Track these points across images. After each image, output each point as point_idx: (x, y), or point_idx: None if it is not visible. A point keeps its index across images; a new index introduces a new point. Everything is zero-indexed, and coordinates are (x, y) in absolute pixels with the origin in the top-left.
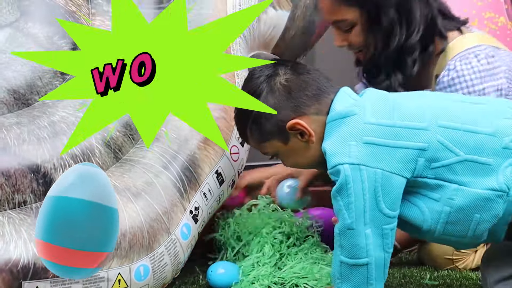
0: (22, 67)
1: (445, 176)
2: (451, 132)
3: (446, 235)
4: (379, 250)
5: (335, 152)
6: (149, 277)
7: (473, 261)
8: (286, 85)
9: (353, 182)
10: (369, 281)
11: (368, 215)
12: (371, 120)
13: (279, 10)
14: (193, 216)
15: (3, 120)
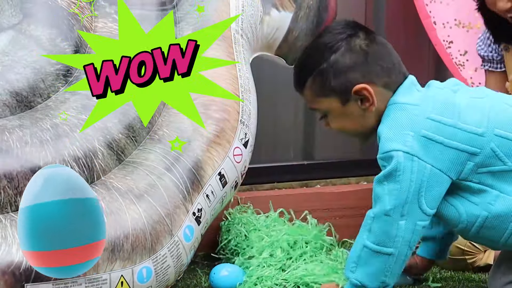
0: (25, 69)
1: (488, 182)
2: (505, 142)
3: (479, 238)
4: (406, 245)
5: (391, 138)
6: (151, 279)
7: (482, 259)
8: (365, 49)
9: (404, 170)
10: (386, 272)
11: (407, 207)
12: (432, 116)
13: (282, 11)
14: (196, 218)
15: (5, 123)
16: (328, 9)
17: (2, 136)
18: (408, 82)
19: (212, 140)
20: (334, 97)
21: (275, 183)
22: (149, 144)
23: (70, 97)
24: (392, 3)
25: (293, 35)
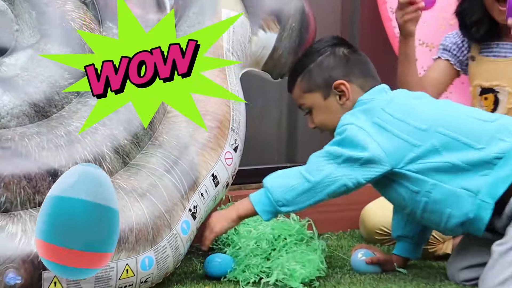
0: (42, 83)
1: (426, 173)
2: (446, 139)
3: (425, 221)
4: (325, 187)
5: (347, 118)
6: (153, 267)
7: (442, 249)
8: (346, 55)
9: (352, 137)
10: (293, 194)
11: (347, 162)
12: (386, 109)
13: (268, 32)
14: (192, 214)
15: (25, 130)
16: (308, 30)
17: (22, 142)
18: (380, 87)
19: (206, 145)
20: (317, 92)
21: (261, 183)
22: (151, 149)
23: (81, 108)
24: (364, 25)
25: (277, 53)
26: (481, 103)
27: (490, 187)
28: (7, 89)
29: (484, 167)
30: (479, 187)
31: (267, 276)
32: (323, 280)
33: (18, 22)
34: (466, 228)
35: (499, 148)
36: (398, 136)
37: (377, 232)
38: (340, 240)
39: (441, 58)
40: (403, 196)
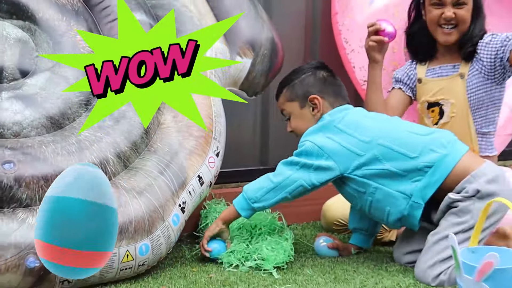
0: (57, 100)
1: (370, 177)
2: (386, 149)
3: (372, 215)
4: (286, 186)
5: (309, 134)
6: (149, 253)
7: (388, 236)
8: (325, 77)
9: (308, 150)
10: (262, 192)
11: (303, 168)
12: (339, 126)
13: (244, 58)
14: (181, 209)
15: (43, 139)
16: (277, 56)
17: (40, 149)
18: (341, 107)
19: (193, 151)
20: (296, 101)
21: (239, 182)
22: (147, 154)
23: None
24: (324, 51)
25: (252, 75)
26: (429, 115)
27: (420, 191)
28: (29, 104)
29: (417, 174)
30: (412, 191)
31: (246, 260)
32: (291, 263)
33: (38, 49)
34: (403, 223)
35: (430, 158)
36: (345, 147)
37: (335, 223)
38: (304, 229)
39: (395, 88)
40: (353, 195)
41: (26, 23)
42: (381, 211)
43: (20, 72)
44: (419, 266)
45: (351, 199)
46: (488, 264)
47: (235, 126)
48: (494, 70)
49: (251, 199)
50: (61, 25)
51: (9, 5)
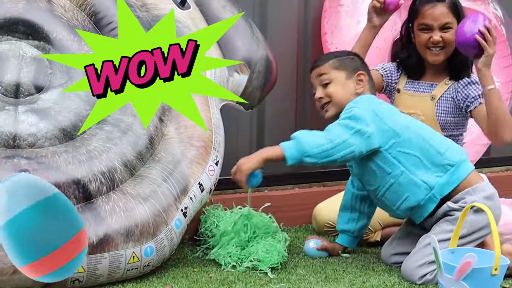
0: (69, 113)
1: (400, 160)
2: (419, 138)
3: (383, 200)
4: (339, 150)
5: (356, 102)
6: (153, 254)
7: (373, 237)
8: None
9: (357, 116)
10: (316, 150)
11: (356, 134)
12: (382, 105)
13: (241, 74)
14: (183, 213)
15: (56, 149)
16: (272, 73)
17: (53, 158)
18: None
19: (194, 160)
20: (344, 71)
21: (236, 189)
22: (151, 163)
23: (98, 132)
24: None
25: (248, 90)
26: None
27: (441, 186)
28: (43, 118)
29: (440, 169)
30: (434, 184)
31: (243, 261)
32: (285, 264)
33: (51, 67)
34: (413, 213)
35: (453, 158)
36: (387, 124)
37: (326, 225)
38: (297, 232)
39: (377, 70)
40: (376, 173)
41: (41, 43)
42: (398, 196)
43: (35, 87)
44: (408, 265)
45: (369, 177)
46: (467, 264)
47: (233, 137)
48: (461, 107)
49: (305, 153)
50: (73, 45)
51: (26, 27)
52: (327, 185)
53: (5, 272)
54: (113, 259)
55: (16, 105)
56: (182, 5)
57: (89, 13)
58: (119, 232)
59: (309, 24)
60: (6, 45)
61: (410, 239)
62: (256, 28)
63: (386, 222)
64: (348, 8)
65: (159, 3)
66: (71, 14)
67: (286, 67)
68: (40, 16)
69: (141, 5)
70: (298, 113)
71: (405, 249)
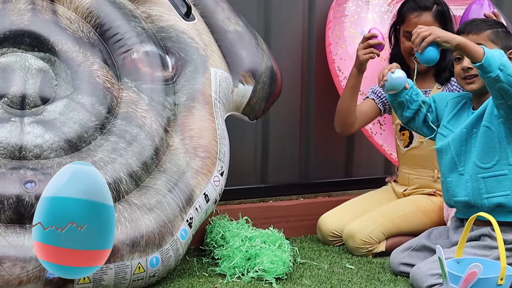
0: (74, 124)
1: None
2: None
3: (482, 184)
4: None
5: None
6: (159, 265)
7: (378, 247)
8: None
9: None
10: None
11: None
12: None
13: (246, 85)
14: (188, 224)
15: (61, 160)
16: (276, 83)
17: (59, 169)
18: None
19: (199, 171)
20: (498, 46)
21: (242, 199)
22: (157, 174)
23: (104, 143)
24: (319, 78)
25: (253, 101)
26: (400, 137)
27: None
28: (48, 129)
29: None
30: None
31: (248, 272)
32: (290, 274)
33: (57, 78)
34: (497, 212)
35: None
36: None
37: (330, 235)
38: (302, 243)
39: (369, 98)
40: (501, 141)
41: (46, 54)
42: (501, 188)
43: (41, 99)
44: (421, 270)
45: (490, 147)
46: (473, 274)
47: (238, 148)
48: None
49: (502, 65)
50: (78, 56)
51: (32, 39)
52: (332, 195)
53: (11, 283)
54: (119, 269)
55: (22, 116)
56: (187, 16)
57: (94, 25)
58: (125, 242)
59: (313, 35)
60: (12, 57)
61: (423, 253)
62: (260, 39)
63: (390, 232)
64: (352, 19)
65: (163, 14)
66: (77, 26)
67: (290, 78)
68: (45, 28)
69: (146, 16)
70: (303, 123)
71: (416, 262)
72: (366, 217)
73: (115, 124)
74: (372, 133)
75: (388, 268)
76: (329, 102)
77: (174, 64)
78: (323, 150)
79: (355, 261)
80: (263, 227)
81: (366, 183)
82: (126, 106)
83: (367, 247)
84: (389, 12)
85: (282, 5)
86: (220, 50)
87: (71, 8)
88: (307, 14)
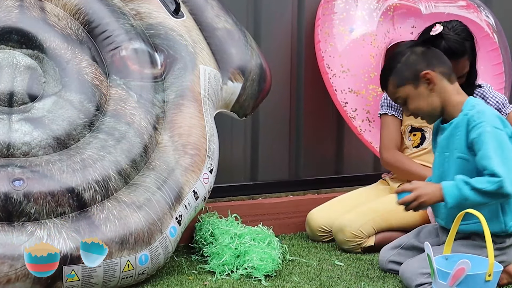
0: (63, 122)
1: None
2: None
3: (496, 204)
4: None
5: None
6: (148, 262)
7: (367, 242)
8: (423, 51)
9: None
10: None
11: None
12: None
13: (235, 82)
14: (178, 221)
15: (49, 158)
16: (265, 80)
17: (47, 167)
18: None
19: (188, 168)
20: (408, 84)
21: (231, 197)
22: (146, 171)
23: (92, 140)
24: (308, 75)
25: (242, 98)
26: (410, 138)
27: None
28: (36, 126)
29: None
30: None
31: (237, 269)
32: (279, 271)
33: (45, 76)
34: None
35: None
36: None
37: (319, 230)
38: (292, 240)
39: (387, 114)
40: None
41: (34, 51)
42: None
43: (29, 96)
44: (410, 268)
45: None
46: (461, 270)
47: (228, 145)
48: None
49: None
50: (66, 54)
51: (20, 36)
52: (321, 192)
53: None
54: (108, 267)
55: (10, 114)
56: (176, 13)
57: (83, 22)
58: (114, 240)
59: (302, 33)
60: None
61: (412, 252)
62: (250, 37)
63: (380, 227)
64: (341, 16)
65: (152, 11)
66: (65, 23)
67: (280, 75)
68: (33, 25)
69: (135, 13)
70: (292, 121)
71: (404, 261)
72: (356, 211)
73: (103, 122)
74: (361, 131)
75: (377, 265)
76: (318, 99)
77: (163, 62)
78: (313, 148)
79: (344, 258)
80: (253, 225)
81: (355, 181)
82: (115, 103)
83: (356, 240)
84: (378, 9)
85: (272, 3)
86: (209, 47)
87: (59, 5)
88: (296, 11)
